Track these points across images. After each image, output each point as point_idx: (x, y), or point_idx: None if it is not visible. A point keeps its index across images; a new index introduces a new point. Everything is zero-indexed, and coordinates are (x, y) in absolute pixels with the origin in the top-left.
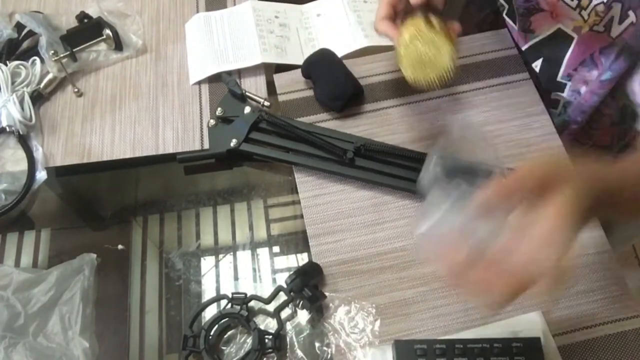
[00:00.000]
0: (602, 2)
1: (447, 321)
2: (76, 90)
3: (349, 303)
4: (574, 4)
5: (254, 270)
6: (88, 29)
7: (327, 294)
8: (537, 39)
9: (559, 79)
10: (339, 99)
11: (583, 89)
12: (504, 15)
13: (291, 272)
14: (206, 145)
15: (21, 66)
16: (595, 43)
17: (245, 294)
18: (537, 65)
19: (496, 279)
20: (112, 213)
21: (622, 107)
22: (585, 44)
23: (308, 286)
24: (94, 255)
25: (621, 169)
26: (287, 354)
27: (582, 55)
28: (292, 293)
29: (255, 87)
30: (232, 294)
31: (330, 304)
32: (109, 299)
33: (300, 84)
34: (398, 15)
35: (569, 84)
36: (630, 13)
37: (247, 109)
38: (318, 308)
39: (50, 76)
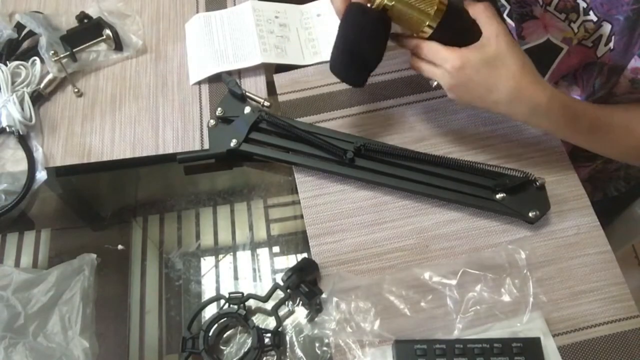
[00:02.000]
0: (592, 21)
1: (446, 321)
2: (76, 90)
3: (349, 303)
4: (562, 16)
5: (254, 270)
6: (88, 29)
7: (326, 296)
8: (526, 46)
9: None
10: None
11: None
12: (505, 15)
13: (287, 269)
14: (206, 145)
15: (21, 66)
16: (582, 58)
17: (243, 293)
18: None
19: None
20: (112, 213)
21: None
22: (573, 57)
23: (304, 282)
24: (94, 255)
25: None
26: (288, 354)
27: (566, 69)
28: (288, 290)
29: (255, 87)
30: (230, 293)
31: (330, 308)
32: (109, 299)
33: (300, 84)
34: None
35: None
36: (613, 37)
37: (247, 109)
38: (317, 308)
39: (50, 76)
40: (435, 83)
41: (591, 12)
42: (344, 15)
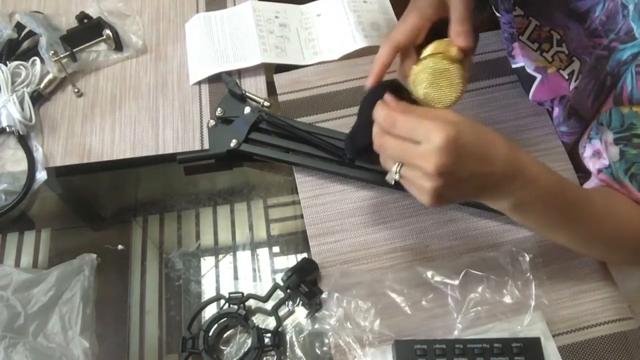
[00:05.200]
0: (564, 53)
1: (447, 321)
2: (76, 90)
3: (349, 303)
4: (534, 46)
5: (254, 270)
6: (88, 29)
7: (326, 294)
8: (516, 66)
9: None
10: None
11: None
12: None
13: (287, 269)
14: (206, 145)
15: (21, 66)
16: (557, 88)
17: (242, 293)
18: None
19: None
20: (112, 213)
21: None
22: (549, 86)
23: (304, 282)
24: (94, 255)
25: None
26: (288, 354)
27: (543, 96)
28: (288, 290)
29: (255, 87)
30: (230, 293)
31: (330, 304)
32: (109, 299)
33: (300, 84)
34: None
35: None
36: (580, 76)
37: (247, 109)
38: (317, 308)
39: (50, 76)
40: (395, 176)
41: (564, 45)
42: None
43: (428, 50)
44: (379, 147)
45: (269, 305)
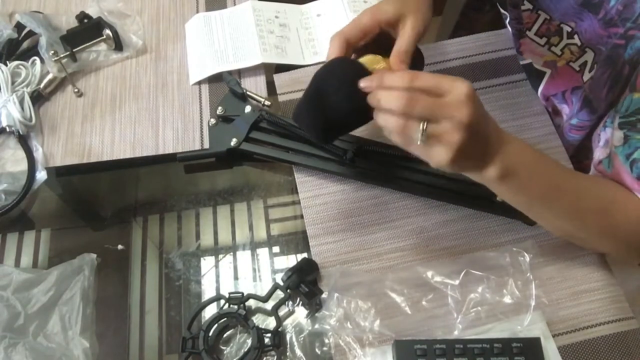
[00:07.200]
0: (576, 45)
1: (447, 321)
2: (76, 90)
3: (349, 303)
4: (542, 41)
5: (254, 270)
6: (88, 29)
7: (326, 294)
8: (524, 62)
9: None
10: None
11: (558, 120)
12: (507, 23)
13: (287, 269)
14: (206, 146)
15: (21, 66)
16: (569, 80)
17: (243, 293)
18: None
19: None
20: (112, 213)
21: None
22: (559, 80)
23: (304, 282)
24: (94, 255)
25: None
26: (288, 354)
27: (554, 90)
28: (288, 290)
29: (255, 87)
30: (230, 293)
31: (330, 304)
32: (109, 299)
33: (300, 84)
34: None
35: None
36: (596, 66)
37: (248, 109)
38: (317, 308)
39: (50, 76)
40: (422, 135)
41: (576, 36)
42: (326, 64)
43: (362, 60)
44: (404, 107)
45: (269, 305)
